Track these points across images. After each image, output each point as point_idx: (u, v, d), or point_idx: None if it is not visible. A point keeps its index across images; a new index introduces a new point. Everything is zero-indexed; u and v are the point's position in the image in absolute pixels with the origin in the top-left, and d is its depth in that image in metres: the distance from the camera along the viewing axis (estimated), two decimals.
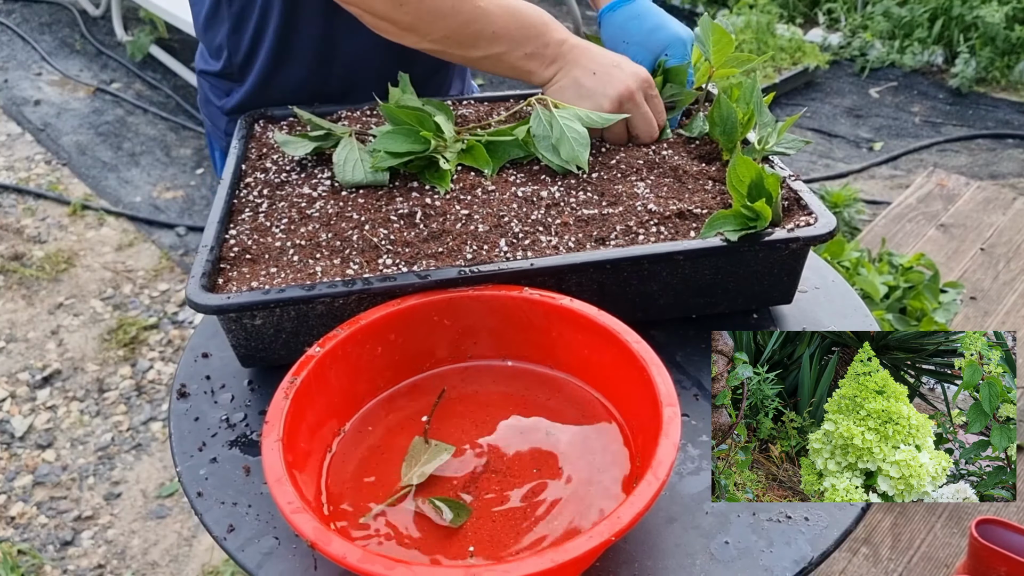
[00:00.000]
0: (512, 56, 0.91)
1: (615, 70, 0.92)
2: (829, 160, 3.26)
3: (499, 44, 0.90)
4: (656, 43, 1.00)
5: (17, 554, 1.81)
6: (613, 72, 0.91)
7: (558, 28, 0.94)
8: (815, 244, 0.78)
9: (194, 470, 0.72)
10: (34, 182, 3.11)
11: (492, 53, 0.91)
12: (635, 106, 0.92)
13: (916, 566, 1.46)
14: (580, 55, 0.93)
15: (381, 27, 0.91)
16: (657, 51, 1.00)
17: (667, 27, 1.00)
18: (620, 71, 0.92)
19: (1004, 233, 2.24)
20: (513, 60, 0.92)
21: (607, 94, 0.91)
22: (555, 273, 0.76)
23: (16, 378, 2.26)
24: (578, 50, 0.93)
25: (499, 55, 0.91)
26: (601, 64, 0.92)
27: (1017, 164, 3.16)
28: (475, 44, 0.90)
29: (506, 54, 0.91)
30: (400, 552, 0.62)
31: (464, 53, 0.91)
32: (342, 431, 0.72)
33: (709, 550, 0.64)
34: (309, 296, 0.73)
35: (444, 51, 0.92)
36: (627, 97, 0.91)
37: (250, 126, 1.01)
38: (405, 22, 0.88)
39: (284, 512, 0.57)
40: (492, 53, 0.91)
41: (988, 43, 3.66)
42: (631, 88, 0.91)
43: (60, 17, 4.48)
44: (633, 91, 0.92)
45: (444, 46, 0.91)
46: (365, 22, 0.91)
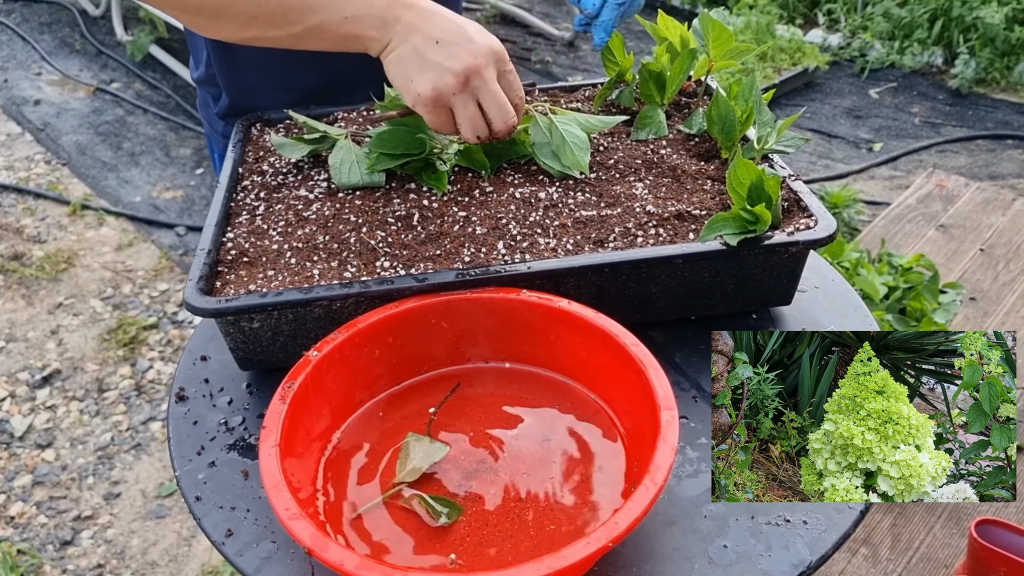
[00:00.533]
0: (333, 24, 0.80)
1: (462, 41, 0.79)
2: (829, 161, 3.26)
3: (312, 13, 0.80)
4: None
5: (17, 554, 1.80)
6: (459, 43, 0.79)
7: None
8: (815, 247, 0.78)
9: (193, 474, 0.71)
10: (34, 182, 3.11)
11: (311, 24, 0.80)
12: (483, 83, 0.80)
13: (915, 566, 1.46)
14: (419, 18, 0.80)
15: (195, 23, 0.84)
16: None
17: None
18: (468, 42, 0.79)
19: (1004, 234, 2.24)
20: (336, 28, 0.80)
21: (451, 68, 0.78)
22: (553, 276, 0.76)
23: (16, 378, 2.26)
24: (416, 11, 0.80)
25: (319, 25, 0.80)
26: (446, 32, 0.79)
27: (1017, 165, 3.16)
28: (286, 17, 0.80)
29: (326, 23, 0.80)
30: (391, 549, 0.62)
31: (281, 32, 0.82)
32: (340, 434, 0.72)
33: (707, 554, 0.64)
34: (306, 299, 0.72)
35: (263, 36, 0.83)
36: (474, 72, 0.79)
37: (247, 129, 1.01)
38: (209, 9, 0.81)
39: (281, 518, 0.57)
40: (311, 24, 0.80)
41: (988, 44, 3.65)
42: (479, 64, 0.79)
43: (60, 17, 4.48)
44: (481, 67, 0.80)
45: (258, 29, 0.82)
46: (185, 23, 0.85)
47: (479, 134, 0.83)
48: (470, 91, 0.80)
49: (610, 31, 0.96)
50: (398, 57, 0.80)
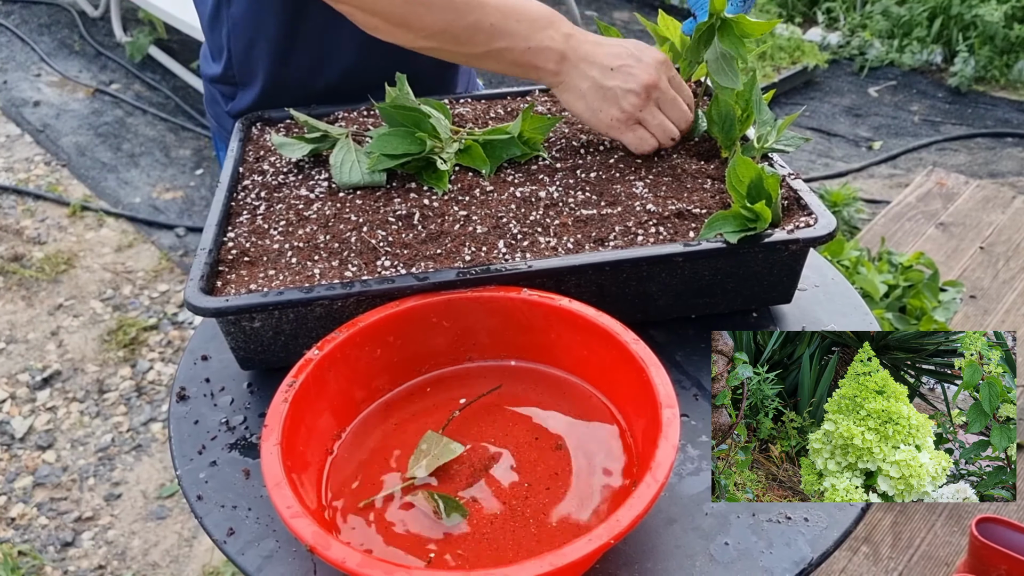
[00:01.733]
0: (515, 51, 0.86)
1: (633, 62, 0.87)
2: (828, 159, 3.26)
3: (500, 39, 0.85)
4: None
5: (18, 555, 1.81)
6: (631, 64, 0.87)
7: (563, 21, 0.89)
8: (815, 245, 0.78)
9: (194, 473, 0.71)
10: (33, 183, 3.11)
11: (493, 48, 0.86)
12: (661, 93, 0.88)
13: (916, 565, 1.46)
14: (592, 51, 0.88)
15: (371, 24, 0.87)
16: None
17: None
18: (638, 61, 0.87)
19: (1003, 232, 2.24)
20: (516, 56, 0.87)
21: (633, 89, 0.86)
22: (554, 275, 0.76)
23: (16, 379, 2.26)
24: (588, 45, 0.88)
25: (500, 50, 0.86)
26: (617, 57, 0.87)
27: (1016, 163, 3.16)
28: (472, 39, 0.85)
29: (508, 49, 0.86)
30: (392, 546, 0.62)
31: (462, 50, 0.87)
32: (342, 434, 0.72)
33: (709, 551, 0.64)
34: (307, 298, 0.72)
35: (441, 48, 0.88)
36: (652, 86, 0.87)
37: (247, 128, 1.01)
38: (396, 16, 0.85)
39: (283, 516, 0.57)
40: (493, 48, 0.86)
41: (987, 42, 3.65)
42: (653, 78, 0.87)
43: (59, 18, 4.48)
44: (656, 80, 0.87)
45: (440, 42, 0.87)
46: (356, 21, 0.88)
47: (672, 136, 0.90)
48: (653, 102, 0.88)
49: None
50: (580, 93, 0.88)
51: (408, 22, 0.85)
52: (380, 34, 0.88)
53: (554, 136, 0.96)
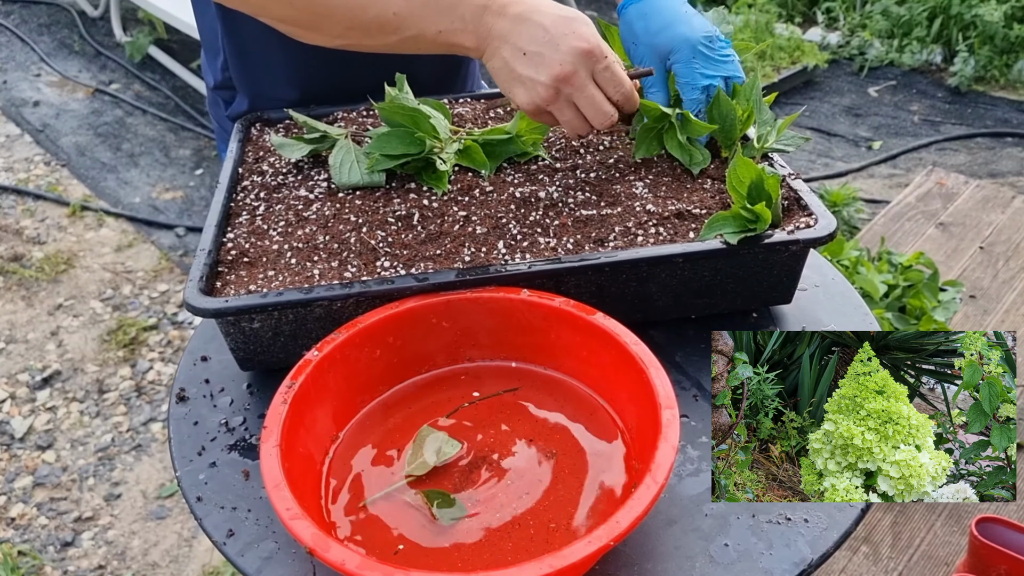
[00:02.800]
0: (428, 38, 0.82)
1: (548, 49, 0.78)
2: (828, 159, 3.26)
3: (407, 27, 0.81)
4: (662, 46, 0.89)
5: (17, 555, 1.81)
6: (545, 52, 0.79)
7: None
8: (815, 246, 0.78)
9: (193, 474, 0.71)
10: (33, 183, 3.11)
11: (406, 37, 0.82)
12: (575, 88, 0.80)
13: (916, 564, 1.46)
14: (508, 28, 0.79)
15: (290, 31, 0.86)
16: (664, 55, 0.89)
17: (673, 27, 0.88)
18: (554, 50, 0.78)
19: (1003, 232, 2.24)
20: (431, 40, 0.82)
21: (540, 80, 0.79)
22: (553, 275, 0.76)
23: (16, 379, 2.26)
24: (506, 20, 0.80)
25: (414, 38, 0.82)
26: (533, 40, 0.79)
27: (1016, 163, 3.16)
28: (382, 31, 0.82)
29: (420, 36, 0.81)
30: (388, 544, 0.62)
31: (377, 42, 0.83)
32: (341, 435, 0.72)
33: (709, 552, 0.64)
34: (307, 299, 0.72)
35: (359, 44, 0.84)
36: (563, 81, 0.79)
37: (246, 129, 1.01)
38: (304, 20, 0.83)
39: (283, 518, 0.57)
40: (406, 37, 0.82)
41: (987, 42, 3.65)
42: (566, 71, 0.78)
43: (59, 18, 4.48)
44: (570, 74, 0.79)
45: (354, 39, 0.84)
46: (281, 30, 0.86)
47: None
48: (564, 98, 0.81)
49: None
50: (494, 69, 0.82)
51: (317, 25, 0.83)
52: (301, 38, 0.87)
53: (553, 136, 0.96)
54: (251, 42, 1.01)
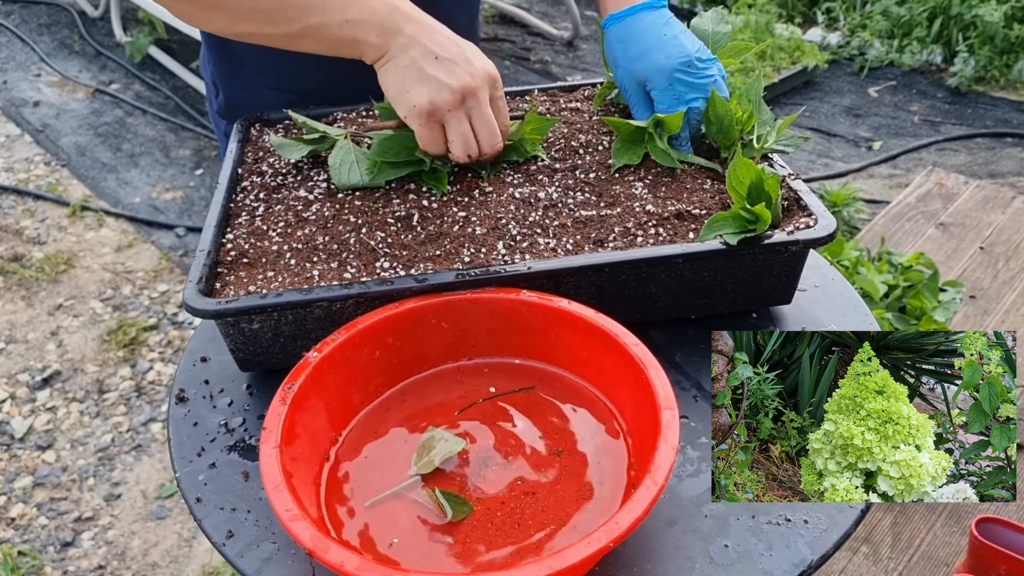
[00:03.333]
0: (333, 25, 0.80)
1: (461, 61, 0.80)
2: (828, 159, 3.26)
3: (312, 13, 0.79)
4: (639, 73, 0.90)
5: (17, 555, 1.81)
6: (458, 62, 0.80)
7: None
8: (815, 247, 0.78)
9: (193, 475, 0.71)
10: (33, 183, 3.11)
11: (309, 25, 0.80)
12: (477, 104, 0.81)
13: (916, 565, 1.46)
14: (420, 32, 0.80)
15: (184, 11, 0.83)
16: (642, 81, 0.91)
17: (650, 55, 0.89)
18: (467, 62, 0.80)
19: (1003, 232, 2.23)
20: (334, 31, 0.80)
21: (449, 84, 0.79)
22: (553, 276, 0.76)
23: (16, 379, 2.26)
24: (418, 25, 0.81)
25: (316, 27, 0.80)
26: (447, 49, 0.80)
27: (1016, 163, 3.16)
28: (284, 16, 0.79)
29: (324, 25, 0.80)
30: (394, 543, 0.62)
31: (277, 30, 0.81)
32: (341, 435, 0.72)
33: (708, 553, 0.64)
34: (306, 300, 0.72)
35: (258, 31, 0.82)
36: (470, 92, 0.80)
37: (246, 129, 1.01)
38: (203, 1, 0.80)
39: (282, 519, 0.57)
40: (309, 25, 0.80)
41: (987, 42, 3.65)
42: (476, 84, 0.80)
43: (59, 18, 4.48)
44: (477, 88, 0.80)
45: (254, 24, 0.81)
46: (172, 12, 0.83)
47: (470, 152, 0.84)
48: (464, 110, 0.81)
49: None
50: (396, 67, 0.81)
51: (218, 3, 0.80)
52: (195, 22, 0.85)
53: (553, 136, 0.96)
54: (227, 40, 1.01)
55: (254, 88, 1.06)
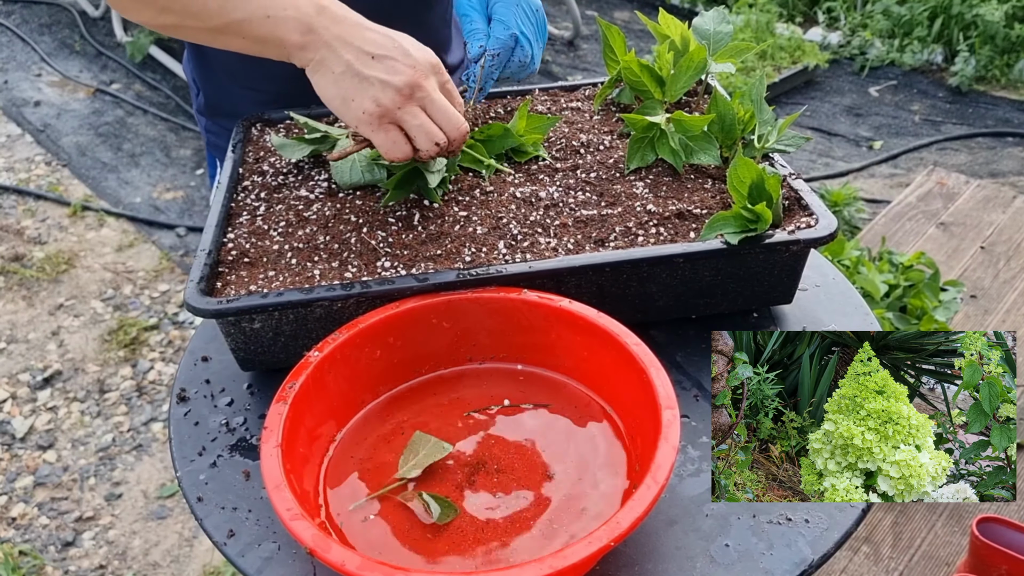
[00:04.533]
0: (254, 22, 0.77)
1: (399, 54, 0.76)
2: (829, 159, 3.26)
3: (235, 8, 0.76)
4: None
5: (18, 555, 1.81)
6: (396, 56, 0.76)
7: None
8: (816, 246, 0.78)
9: (194, 475, 0.71)
10: (34, 183, 3.11)
11: (232, 20, 0.77)
12: (427, 94, 0.77)
13: (917, 564, 1.46)
14: (349, 32, 0.77)
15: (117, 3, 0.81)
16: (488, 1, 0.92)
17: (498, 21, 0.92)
18: (405, 55, 0.77)
19: (1004, 231, 2.23)
20: (256, 27, 0.77)
21: (392, 82, 0.75)
22: (554, 275, 0.76)
23: (17, 379, 2.26)
24: (347, 25, 0.77)
25: (239, 23, 0.77)
26: (381, 46, 0.76)
27: (1017, 162, 3.16)
28: (206, 8, 0.77)
29: (246, 21, 0.77)
30: (388, 545, 0.62)
31: (201, 24, 0.78)
32: (341, 435, 0.72)
33: (709, 553, 0.64)
34: (307, 299, 0.72)
35: (181, 24, 0.80)
36: (416, 85, 0.76)
37: (247, 129, 1.01)
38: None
39: (283, 519, 0.57)
40: (232, 20, 0.77)
41: (988, 41, 3.65)
42: (419, 75, 0.76)
43: (60, 18, 4.48)
44: (422, 79, 0.77)
45: (177, 17, 0.78)
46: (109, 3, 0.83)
47: (437, 140, 0.79)
48: (415, 103, 0.77)
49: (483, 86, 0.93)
50: (333, 76, 0.77)
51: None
52: (125, 11, 0.82)
53: (554, 136, 0.96)
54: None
55: (230, 88, 1.06)
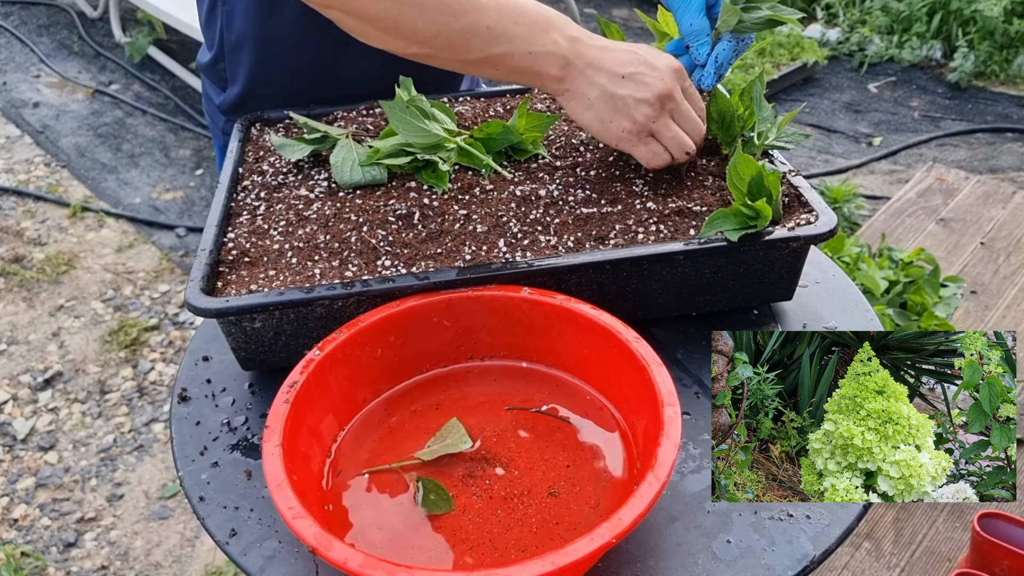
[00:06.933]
0: (515, 57, 0.80)
1: (646, 68, 0.80)
2: (828, 155, 3.26)
3: (498, 43, 0.79)
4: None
5: (20, 556, 1.81)
6: (644, 71, 0.80)
7: (567, 23, 0.82)
8: (816, 243, 0.78)
9: (196, 475, 0.72)
10: (34, 184, 3.11)
11: (491, 54, 0.79)
12: (676, 104, 0.82)
13: (918, 560, 1.46)
14: (600, 56, 0.81)
15: (360, 29, 0.82)
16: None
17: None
18: (652, 69, 0.80)
19: (1004, 227, 2.23)
20: (516, 61, 0.80)
21: (645, 99, 0.80)
22: (554, 273, 0.76)
23: (18, 380, 2.26)
24: (596, 50, 0.81)
25: (499, 56, 0.80)
26: (628, 63, 0.80)
27: (1016, 158, 3.16)
28: (468, 44, 0.79)
29: (507, 55, 0.79)
30: (389, 546, 0.62)
31: (458, 56, 0.81)
32: (343, 433, 0.72)
33: (711, 549, 0.64)
34: (308, 299, 0.73)
35: (435, 55, 0.82)
36: (667, 96, 0.80)
37: (247, 129, 1.01)
38: (385, 20, 0.79)
39: (285, 517, 0.57)
40: (491, 54, 0.79)
41: (987, 37, 3.65)
42: (668, 86, 0.80)
43: (58, 19, 4.47)
44: (671, 89, 0.81)
45: (433, 48, 0.80)
46: (344, 27, 0.83)
47: (688, 150, 0.84)
48: (667, 113, 0.82)
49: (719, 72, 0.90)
50: (588, 101, 0.81)
51: (399, 27, 0.79)
52: (371, 40, 0.83)
53: (553, 134, 0.96)
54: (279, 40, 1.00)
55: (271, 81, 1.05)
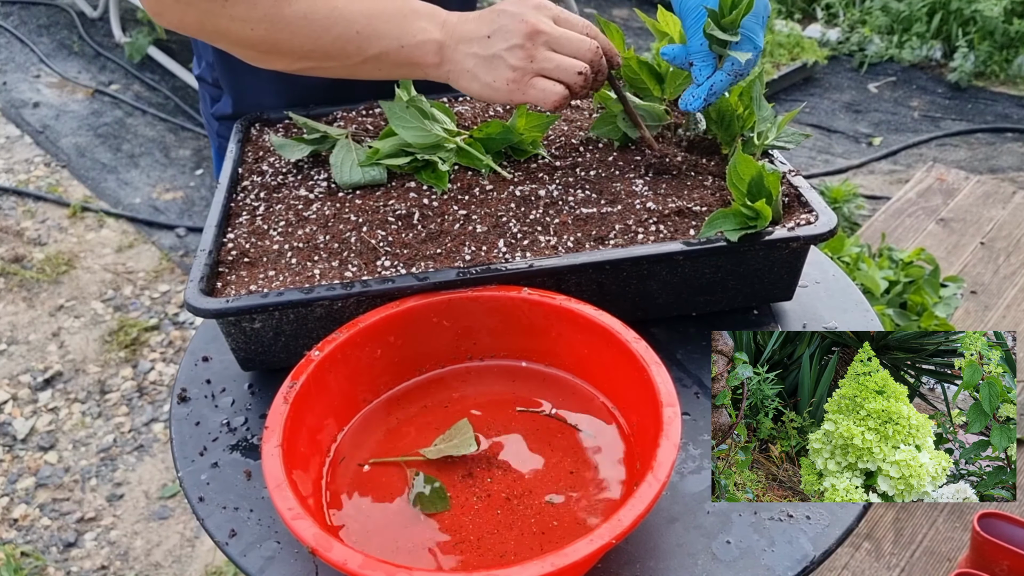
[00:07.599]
0: (391, 53, 0.81)
1: (503, 18, 0.79)
2: (828, 155, 3.25)
3: (371, 45, 0.81)
4: None
5: (20, 556, 1.81)
6: (502, 21, 0.79)
7: (434, 10, 0.83)
8: (816, 243, 0.78)
9: (195, 475, 0.72)
10: (34, 184, 3.11)
11: (369, 56, 0.82)
12: (545, 33, 0.79)
13: (918, 560, 1.46)
14: (467, 29, 0.81)
15: (248, 56, 0.85)
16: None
17: None
18: (509, 17, 0.79)
19: (1004, 227, 2.23)
20: (394, 57, 0.82)
21: (514, 44, 0.79)
22: (554, 274, 0.76)
23: (18, 380, 2.26)
24: (464, 24, 0.81)
25: (377, 56, 0.82)
26: (489, 22, 0.80)
27: (1016, 158, 3.16)
28: (344, 51, 0.81)
29: (384, 53, 0.81)
30: (390, 545, 0.62)
31: (339, 64, 0.83)
32: (342, 434, 0.72)
33: (711, 550, 0.64)
34: (307, 299, 0.72)
35: (320, 66, 0.84)
36: (535, 32, 0.79)
37: (246, 129, 1.01)
38: (264, 44, 0.82)
39: (284, 518, 0.57)
40: (369, 56, 0.82)
41: (987, 37, 3.65)
42: (532, 22, 0.79)
43: (58, 19, 4.47)
44: (536, 23, 0.79)
45: (315, 61, 0.83)
46: (236, 55, 0.86)
47: (579, 70, 0.80)
48: (543, 45, 0.80)
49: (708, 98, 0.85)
50: (469, 74, 0.81)
51: (279, 48, 0.82)
52: (260, 63, 0.86)
53: (553, 134, 0.96)
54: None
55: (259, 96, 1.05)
